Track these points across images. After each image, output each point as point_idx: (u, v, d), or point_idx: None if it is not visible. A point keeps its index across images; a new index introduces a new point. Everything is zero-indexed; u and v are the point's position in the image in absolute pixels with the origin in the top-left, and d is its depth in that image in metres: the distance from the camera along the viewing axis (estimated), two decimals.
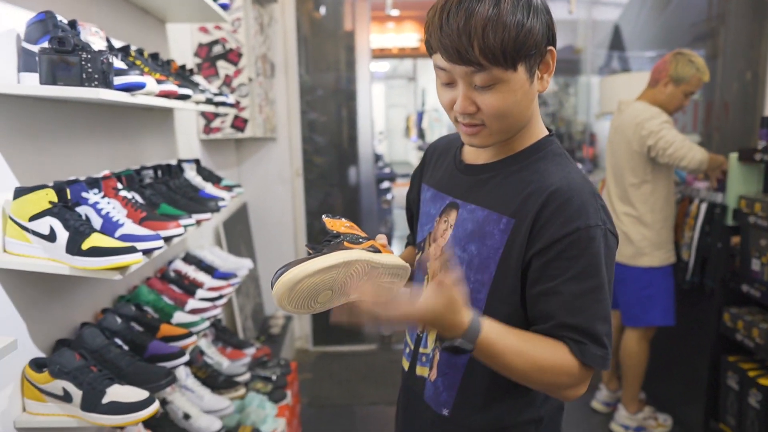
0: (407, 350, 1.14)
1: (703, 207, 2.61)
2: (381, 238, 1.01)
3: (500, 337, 0.87)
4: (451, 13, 0.85)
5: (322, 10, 4.03)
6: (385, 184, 6.52)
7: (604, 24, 5.54)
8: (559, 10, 4.23)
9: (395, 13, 6.38)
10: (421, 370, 1.09)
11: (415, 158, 11.81)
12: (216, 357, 2.24)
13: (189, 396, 1.91)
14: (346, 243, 0.92)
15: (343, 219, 1.00)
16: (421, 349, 1.10)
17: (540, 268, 0.91)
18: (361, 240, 0.95)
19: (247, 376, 2.23)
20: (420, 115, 11.50)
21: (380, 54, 8.12)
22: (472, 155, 1.06)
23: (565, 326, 0.89)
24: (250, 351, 2.47)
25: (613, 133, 2.73)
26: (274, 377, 2.48)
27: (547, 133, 1.02)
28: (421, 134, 11.26)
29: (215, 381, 2.10)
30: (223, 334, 2.46)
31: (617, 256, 2.64)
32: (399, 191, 6.75)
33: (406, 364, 1.14)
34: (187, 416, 1.80)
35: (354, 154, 4.02)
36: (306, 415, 3.00)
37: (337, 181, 4.10)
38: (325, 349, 3.88)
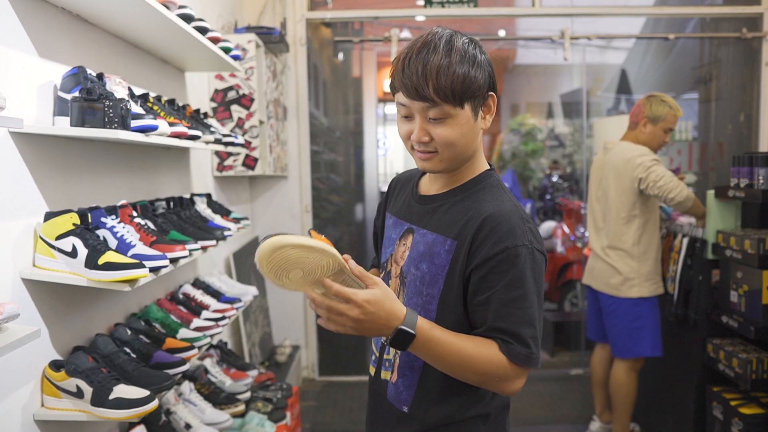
0: (373, 357, 1.30)
1: (685, 241, 2.73)
2: (347, 258, 1.19)
3: (435, 327, 1.05)
4: (412, 59, 1.06)
5: (340, 56, 4.33)
6: None
7: (612, 68, 5.77)
8: (558, 56, 4.46)
9: None
10: (384, 374, 1.25)
11: None
12: (219, 376, 2.40)
13: (191, 408, 2.07)
14: None
15: (324, 237, 1.13)
16: (384, 356, 1.26)
17: (477, 282, 1.09)
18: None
19: (247, 395, 2.39)
20: None
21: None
22: (426, 187, 1.26)
23: (495, 329, 1.07)
24: (253, 373, 2.63)
25: (598, 171, 2.89)
26: (274, 399, 2.63)
27: (487, 167, 1.21)
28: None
29: (217, 397, 2.27)
30: (228, 356, 2.63)
31: (605, 287, 2.80)
32: None
33: (372, 370, 1.30)
34: (188, 426, 1.97)
35: (362, 193, 4.24)
36: None
37: (352, 220, 4.33)
38: (331, 379, 4.01)
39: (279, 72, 3.57)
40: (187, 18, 1.89)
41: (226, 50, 2.27)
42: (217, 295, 2.38)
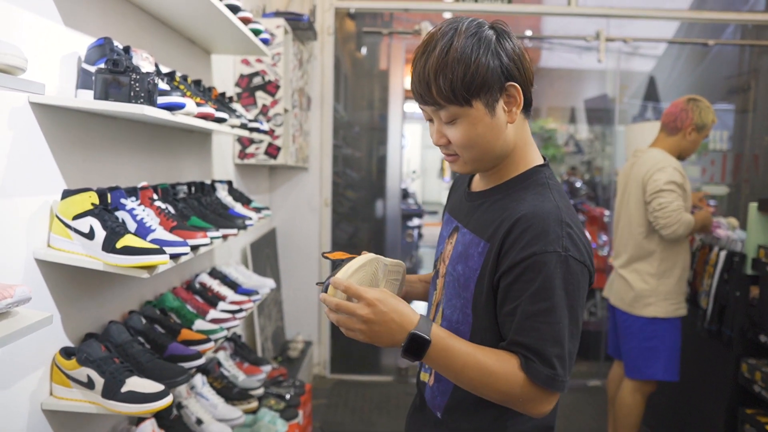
0: None
1: (723, 255, 2.60)
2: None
3: (453, 337, 0.97)
4: (417, 62, 1.01)
5: (363, 50, 4.24)
6: (416, 221, 6.62)
7: (638, 75, 5.63)
8: (589, 60, 4.34)
9: None
10: (424, 376, 1.20)
11: None
12: (233, 370, 2.32)
13: (203, 403, 1.99)
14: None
15: (337, 251, 1.14)
16: None
17: (504, 290, 1.00)
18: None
19: (260, 391, 2.30)
20: None
21: None
22: (476, 184, 1.18)
23: (516, 343, 0.97)
24: (267, 368, 2.55)
25: (625, 181, 2.68)
26: (287, 396, 2.55)
27: (538, 163, 1.09)
28: (454, 176, 11.41)
29: (230, 392, 2.18)
30: (242, 350, 2.55)
31: (620, 303, 2.62)
32: (427, 230, 6.87)
33: (419, 370, 1.24)
34: (200, 421, 1.89)
35: (382, 190, 4.15)
36: None
37: (368, 216, 4.24)
38: (342, 377, 3.92)
39: (305, 61, 3.48)
40: None
41: (256, 32, 2.18)
42: (234, 286, 2.29)
